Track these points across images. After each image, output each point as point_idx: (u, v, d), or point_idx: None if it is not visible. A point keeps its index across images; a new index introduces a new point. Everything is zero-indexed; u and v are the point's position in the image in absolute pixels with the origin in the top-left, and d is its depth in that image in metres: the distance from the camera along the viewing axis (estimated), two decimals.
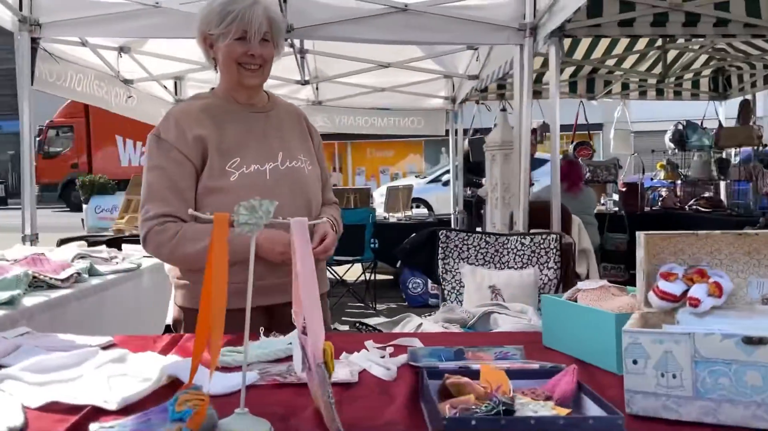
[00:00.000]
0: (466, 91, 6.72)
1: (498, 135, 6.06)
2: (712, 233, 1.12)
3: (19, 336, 1.44)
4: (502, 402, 0.84)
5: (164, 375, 1.11)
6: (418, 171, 25.23)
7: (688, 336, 0.95)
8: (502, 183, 6.01)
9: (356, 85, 7.19)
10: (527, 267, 2.58)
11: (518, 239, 2.63)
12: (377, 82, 7.23)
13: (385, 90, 7.40)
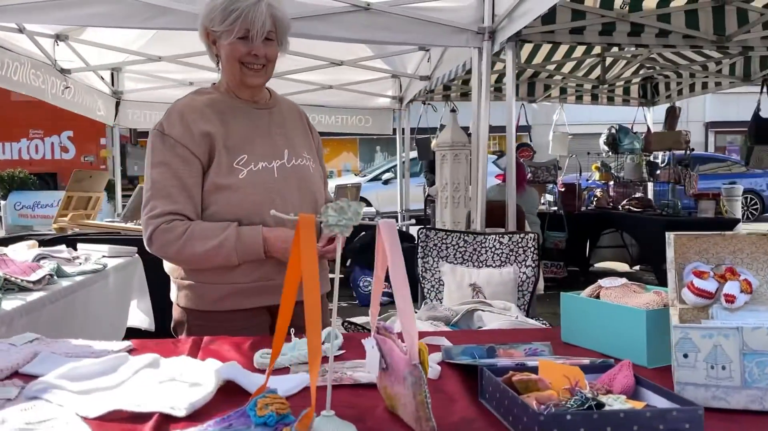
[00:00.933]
0: (415, 91, 6.80)
1: (448, 135, 6.18)
2: (738, 234, 1.22)
3: (28, 342, 1.36)
4: (590, 397, 0.88)
5: (220, 379, 1.08)
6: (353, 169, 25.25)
7: (737, 330, 1.02)
8: (453, 182, 6.13)
9: (303, 81, 7.13)
10: (505, 266, 2.66)
11: (496, 238, 2.71)
12: (325, 80, 7.19)
13: (333, 88, 7.38)
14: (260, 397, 0.93)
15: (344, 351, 1.41)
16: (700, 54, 6.40)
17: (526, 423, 0.88)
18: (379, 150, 25.40)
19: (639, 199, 7.21)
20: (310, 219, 0.91)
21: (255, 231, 1.67)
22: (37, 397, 1.03)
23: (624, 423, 0.85)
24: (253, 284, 1.72)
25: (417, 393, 0.88)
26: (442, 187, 6.19)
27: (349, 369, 1.21)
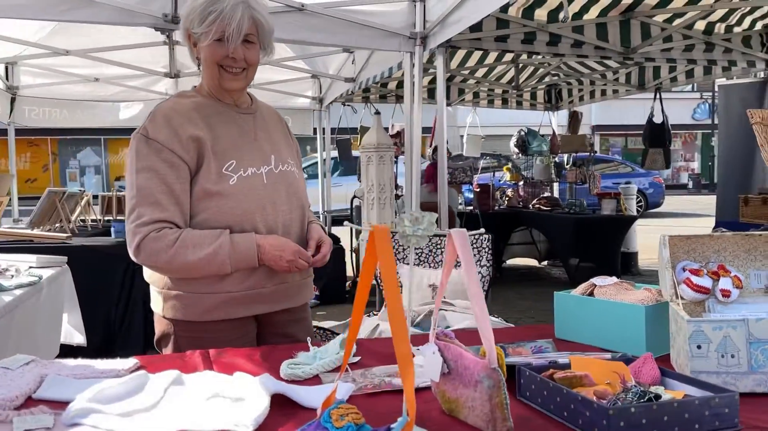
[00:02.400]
0: (337, 93, 6.80)
1: (374, 137, 6.24)
2: (724, 235, 1.36)
3: (24, 365, 1.25)
4: (646, 390, 0.96)
5: (270, 392, 1.06)
6: None
7: (743, 321, 1.15)
8: (378, 184, 6.20)
9: None
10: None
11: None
12: None
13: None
14: (333, 408, 0.93)
15: (360, 358, 1.42)
16: (601, 64, 6.88)
17: (590, 418, 0.94)
18: None
19: (548, 198, 7.64)
20: (385, 230, 0.92)
21: (248, 238, 1.64)
22: (77, 424, 0.97)
23: (677, 412, 0.94)
24: (244, 293, 1.68)
25: (495, 395, 0.92)
26: (368, 189, 6.24)
27: (386, 376, 1.23)
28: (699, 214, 14.65)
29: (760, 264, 1.37)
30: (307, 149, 19.18)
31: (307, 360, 1.31)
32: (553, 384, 1.03)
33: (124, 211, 1.68)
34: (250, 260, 1.63)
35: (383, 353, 1.45)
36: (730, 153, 5.99)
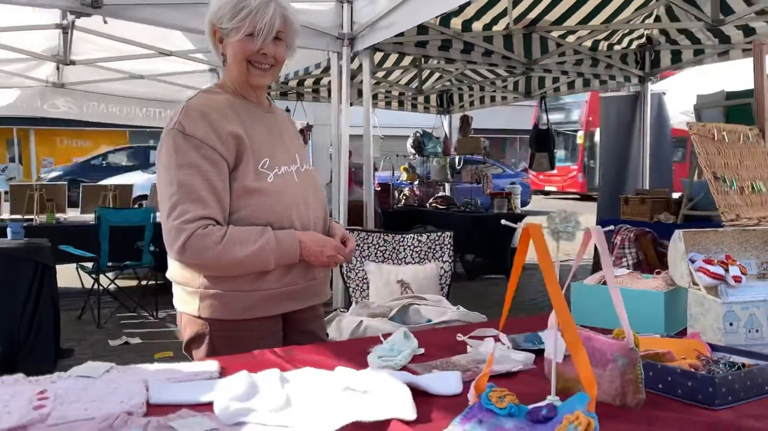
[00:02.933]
0: None
1: None
2: (726, 230, 1.60)
3: (106, 372, 1.18)
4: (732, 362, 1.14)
5: (402, 382, 1.10)
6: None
7: (765, 302, 1.39)
8: None
9: (111, 69, 6.50)
10: (425, 262, 2.88)
11: (415, 236, 2.92)
12: (135, 69, 6.65)
13: (144, 78, 6.85)
14: (489, 392, 1.01)
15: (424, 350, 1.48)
16: (492, 72, 7.36)
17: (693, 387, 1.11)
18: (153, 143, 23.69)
19: (443, 197, 8.03)
20: (538, 227, 1.02)
21: (291, 234, 1.64)
22: (243, 422, 0.95)
23: (757, 376, 1.13)
24: (281, 290, 1.68)
25: (629, 371, 1.05)
26: None
27: (476, 364, 1.32)
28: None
29: (750, 254, 1.64)
30: (150, 142, 18.41)
31: (388, 353, 1.36)
32: (647, 360, 1.19)
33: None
34: (293, 256, 1.64)
35: (438, 344, 1.53)
36: (609, 158, 6.70)
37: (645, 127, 6.38)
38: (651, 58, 6.26)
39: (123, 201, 6.68)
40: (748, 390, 1.13)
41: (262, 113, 1.76)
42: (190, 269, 1.64)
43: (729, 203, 2.39)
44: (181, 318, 1.72)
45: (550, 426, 0.93)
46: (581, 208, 5.13)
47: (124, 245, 5.55)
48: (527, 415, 0.97)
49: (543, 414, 0.96)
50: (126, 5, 3.83)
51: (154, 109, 7.23)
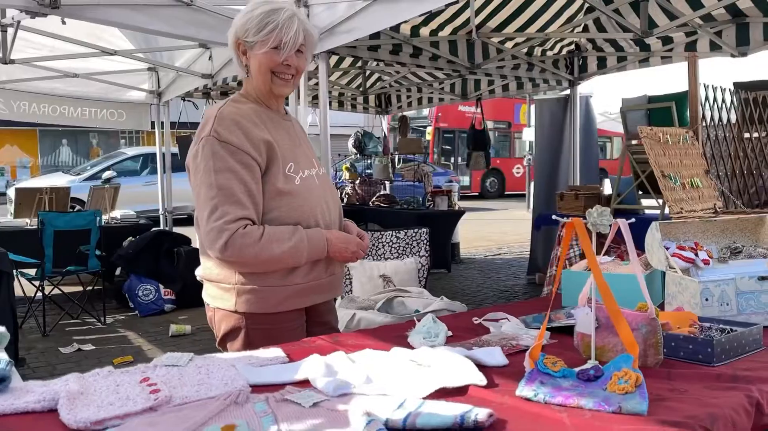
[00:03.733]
0: (187, 87, 6.56)
1: None
2: (695, 221, 1.89)
3: (190, 361, 1.29)
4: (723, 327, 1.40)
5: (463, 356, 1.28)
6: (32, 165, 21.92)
7: (734, 279, 1.67)
8: None
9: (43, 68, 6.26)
10: (403, 257, 3.07)
11: (393, 233, 3.10)
12: (68, 67, 6.45)
13: (79, 76, 6.64)
14: (542, 359, 1.21)
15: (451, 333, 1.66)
16: (430, 74, 7.64)
17: (694, 349, 1.35)
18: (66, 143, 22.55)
19: (385, 196, 8.24)
20: (580, 222, 1.22)
21: (319, 233, 1.78)
22: (346, 393, 1.10)
23: (744, 338, 1.40)
24: (308, 284, 1.81)
25: (651, 337, 1.28)
26: None
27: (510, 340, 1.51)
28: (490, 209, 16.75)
29: (710, 241, 1.93)
30: (63, 143, 17.62)
31: (427, 335, 1.53)
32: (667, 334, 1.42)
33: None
34: (321, 252, 1.78)
35: (460, 327, 1.72)
36: (543, 156, 7.14)
37: (575, 127, 6.85)
38: (579, 63, 6.74)
39: (59, 204, 6.45)
40: (736, 350, 1.39)
41: (282, 120, 1.89)
42: (226, 267, 1.74)
43: (675, 198, 2.73)
44: (214, 314, 1.82)
45: (601, 383, 1.14)
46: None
47: (66, 250, 5.39)
48: (577, 376, 1.18)
49: (591, 374, 1.16)
50: (84, 6, 3.78)
51: (90, 108, 7.01)
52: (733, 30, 5.16)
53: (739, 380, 1.20)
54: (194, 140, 1.79)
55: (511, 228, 12.01)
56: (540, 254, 7.12)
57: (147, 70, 7.06)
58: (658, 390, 1.14)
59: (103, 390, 1.12)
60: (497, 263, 8.57)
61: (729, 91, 3.88)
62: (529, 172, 16.16)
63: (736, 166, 3.72)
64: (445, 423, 0.97)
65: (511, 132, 22.26)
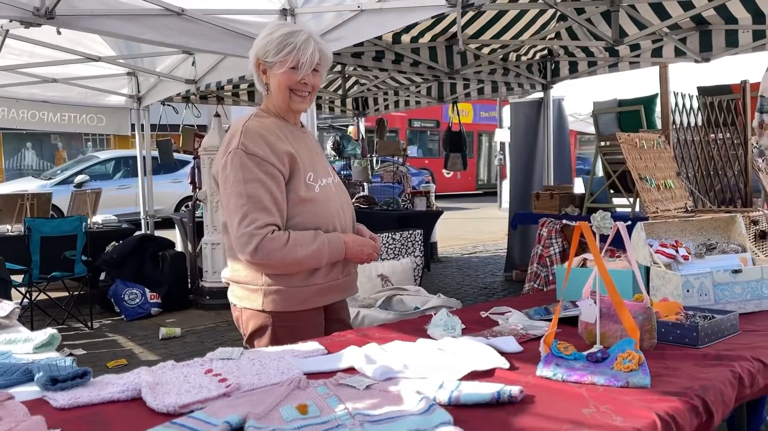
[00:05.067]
0: (169, 92, 6.61)
1: (215, 139, 6.29)
2: (674, 221, 2.10)
3: (241, 354, 1.43)
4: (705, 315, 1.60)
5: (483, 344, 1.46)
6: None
7: (711, 273, 1.88)
8: None
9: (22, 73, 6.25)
10: (399, 257, 3.23)
11: (389, 235, 3.26)
12: (48, 73, 6.44)
13: (58, 81, 6.63)
14: (556, 344, 1.39)
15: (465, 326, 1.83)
16: (407, 79, 7.83)
17: (681, 334, 1.55)
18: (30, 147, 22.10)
19: (365, 197, 8.40)
20: (587, 225, 1.41)
21: (338, 236, 1.94)
22: (391, 377, 1.27)
23: (723, 323, 1.60)
24: (327, 284, 1.97)
25: (646, 323, 1.47)
26: (211, 191, 6.25)
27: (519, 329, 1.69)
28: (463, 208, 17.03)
29: (688, 239, 2.15)
30: (27, 146, 17.33)
31: (445, 327, 1.70)
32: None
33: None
34: (340, 255, 1.94)
35: (470, 320, 1.89)
36: (518, 157, 7.38)
37: (548, 129, 7.12)
38: (552, 68, 7.01)
39: (41, 210, 6.44)
40: (717, 334, 1.59)
41: (300, 133, 2.04)
42: (253, 269, 1.89)
43: (651, 198, 2.96)
44: (241, 313, 1.96)
45: (608, 363, 1.33)
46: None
47: (53, 256, 5.41)
48: (587, 358, 1.36)
49: (599, 356, 1.35)
50: (79, 16, 3.85)
51: (70, 113, 7.00)
52: (697, 37, 5.47)
53: (723, 358, 1.40)
54: (221, 152, 1.93)
55: (486, 227, 12.29)
56: (516, 252, 7.37)
57: (126, 75, 7.09)
58: (655, 369, 1.33)
59: (175, 381, 1.26)
60: (474, 261, 8.80)
61: (696, 97, 4.15)
62: (500, 171, 16.48)
63: (703, 166, 3.99)
64: (484, 398, 1.14)
65: (439, 131, 22.56)
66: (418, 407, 1.09)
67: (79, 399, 1.17)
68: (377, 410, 1.09)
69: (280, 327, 1.90)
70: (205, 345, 5.00)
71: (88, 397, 1.18)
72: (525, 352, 1.51)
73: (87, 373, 1.26)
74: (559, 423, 1.05)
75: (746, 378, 1.32)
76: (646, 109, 5.15)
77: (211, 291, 6.29)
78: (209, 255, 6.30)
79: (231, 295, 2.01)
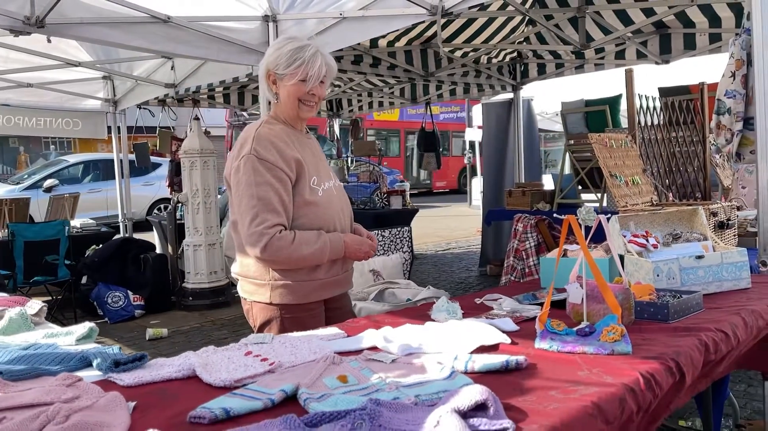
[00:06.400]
0: (147, 96, 6.68)
1: (196, 142, 6.39)
2: (644, 214, 2.34)
3: (272, 339, 1.60)
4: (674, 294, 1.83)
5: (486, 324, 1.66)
6: None
7: (677, 259, 2.12)
8: (203, 188, 6.37)
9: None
10: (389, 253, 3.43)
11: (379, 232, 3.45)
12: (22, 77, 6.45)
13: (33, 86, 6.63)
14: (549, 322, 1.60)
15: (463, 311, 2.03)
16: (382, 81, 8.02)
17: (654, 311, 1.78)
18: None
19: None
20: (574, 218, 1.62)
21: (338, 236, 2.12)
22: (412, 353, 1.46)
23: (691, 301, 1.84)
24: (329, 279, 2.15)
25: (626, 302, 1.69)
26: (192, 193, 6.34)
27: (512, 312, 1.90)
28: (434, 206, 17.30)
29: (656, 229, 2.40)
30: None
31: (448, 312, 1.90)
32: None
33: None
34: (340, 253, 2.12)
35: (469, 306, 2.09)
36: (490, 155, 7.65)
37: (519, 128, 7.40)
38: (521, 69, 7.29)
39: (20, 215, 6.44)
40: (684, 311, 1.83)
41: (305, 139, 2.21)
42: (262, 265, 2.05)
43: (621, 194, 3.21)
44: (251, 307, 2.12)
45: (595, 336, 1.54)
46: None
47: (36, 260, 5.45)
48: (577, 332, 1.58)
49: (587, 330, 1.57)
50: (69, 24, 3.94)
51: (46, 117, 6.99)
52: (657, 40, 5.80)
53: (691, 330, 1.63)
54: (234, 156, 2.09)
55: (457, 224, 12.58)
56: (490, 247, 7.64)
57: (102, 79, 7.12)
58: (634, 340, 1.55)
59: (220, 362, 1.43)
60: (448, 257, 9.05)
61: (658, 99, 4.44)
62: (470, 169, 16.82)
63: (666, 163, 4.29)
64: (495, 366, 1.34)
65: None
66: (442, 374, 1.28)
67: (142, 378, 1.33)
68: (407, 378, 1.27)
69: (287, 318, 2.07)
70: (194, 344, 5.11)
71: (150, 376, 1.34)
72: (522, 331, 1.72)
73: (144, 356, 1.42)
74: (560, 383, 1.25)
75: (711, 346, 1.55)
76: (611, 108, 5.45)
77: (194, 292, 6.38)
78: (191, 256, 6.40)
79: (241, 290, 2.17)
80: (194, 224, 6.37)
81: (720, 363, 1.68)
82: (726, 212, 2.90)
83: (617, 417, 1.15)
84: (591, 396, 1.15)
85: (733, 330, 1.66)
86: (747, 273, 2.20)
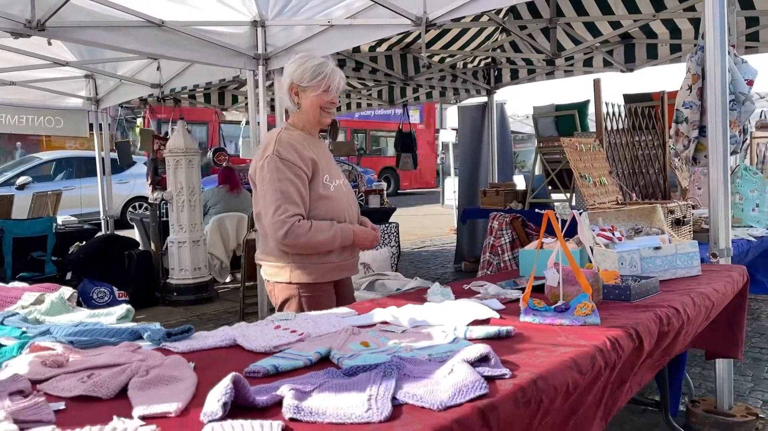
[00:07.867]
0: (131, 96, 6.80)
1: (181, 141, 6.56)
2: (611, 211, 2.64)
3: (294, 317, 1.85)
4: (636, 278, 2.14)
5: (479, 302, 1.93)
6: None
7: (638, 250, 2.44)
8: (188, 187, 6.54)
9: None
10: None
11: None
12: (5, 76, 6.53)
13: (16, 84, 6.70)
14: (531, 300, 1.89)
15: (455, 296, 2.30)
16: (361, 83, 8.28)
17: (619, 293, 2.08)
18: None
19: None
20: (553, 213, 1.90)
21: (347, 227, 2.39)
22: (419, 325, 1.72)
23: (651, 284, 2.15)
24: (341, 263, 2.43)
25: (596, 284, 1.98)
26: (177, 191, 6.50)
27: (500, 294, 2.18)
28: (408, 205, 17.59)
29: (621, 224, 2.71)
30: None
31: (442, 295, 2.17)
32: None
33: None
34: (349, 241, 2.40)
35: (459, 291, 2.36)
36: (465, 156, 7.97)
37: (492, 130, 7.74)
38: (495, 74, 7.63)
39: (2, 212, 6.51)
40: (643, 293, 2.14)
41: (318, 143, 2.48)
42: (283, 251, 2.32)
43: (589, 193, 3.53)
44: (273, 287, 2.39)
45: (570, 312, 1.83)
46: None
47: (24, 257, 5.56)
48: (554, 309, 1.87)
49: (563, 307, 1.86)
50: (68, 27, 4.10)
51: (28, 115, 7.06)
52: (622, 49, 6.19)
53: (649, 307, 1.94)
54: (258, 156, 2.35)
55: (431, 223, 12.91)
56: (465, 244, 7.96)
57: (84, 78, 7.21)
58: (602, 315, 1.84)
59: (256, 334, 1.67)
60: (424, 255, 9.36)
61: (623, 105, 4.80)
62: (442, 170, 17.18)
63: (629, 166, 4.64)
64: (490, 334, 1.62)
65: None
66: (447, 340, 1.55)
67: (193, 346, 1.57)
68: (418, 343, 1.54)
69: (305, 296, 2.35)
70: None
71: (199, 345, 1.58)
72: (507, 309, 2.00)
73: (191, 329, 1.65)
74: (544, 345, 1.54)
75: (665, 319, 1.85)
76: (579, 113, 5.81)
77: (178, 287, 6.54)
78: (176, 253, 6.55)
79: (263, 273, 2.44)
80: (179, 221, 6.52)
81: (676, 339, 1.99)
82: (682, 210, 3.25)
83: (589, 370, 1.44)
84: (569, 353, 1.44)
85: (683, 308, 1.97)
86: (698, 263, 2.53)
